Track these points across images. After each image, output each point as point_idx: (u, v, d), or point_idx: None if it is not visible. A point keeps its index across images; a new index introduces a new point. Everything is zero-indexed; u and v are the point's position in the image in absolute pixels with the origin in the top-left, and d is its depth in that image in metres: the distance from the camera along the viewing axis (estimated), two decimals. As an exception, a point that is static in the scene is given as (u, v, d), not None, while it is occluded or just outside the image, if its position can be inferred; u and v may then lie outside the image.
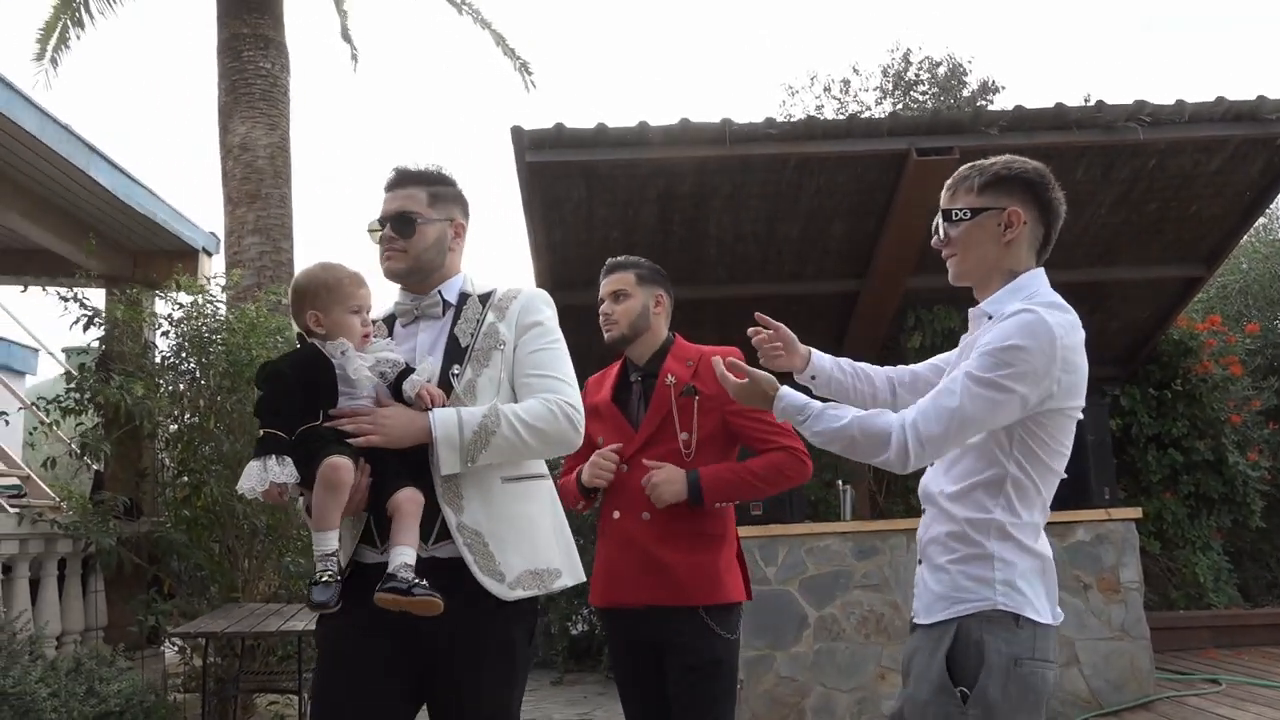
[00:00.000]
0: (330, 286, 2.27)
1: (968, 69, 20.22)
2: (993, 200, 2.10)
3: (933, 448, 1.99)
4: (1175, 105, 5.95)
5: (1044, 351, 1.94)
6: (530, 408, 2.28)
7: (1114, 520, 5.98)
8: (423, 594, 2.05)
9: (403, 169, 2.47)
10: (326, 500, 2.11)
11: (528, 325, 2.39)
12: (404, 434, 2.20)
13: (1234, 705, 5.45)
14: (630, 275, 3.07)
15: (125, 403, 5.61)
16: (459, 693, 2.23)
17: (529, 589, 2.26)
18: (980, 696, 1.93)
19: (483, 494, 2.26)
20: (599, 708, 6.78)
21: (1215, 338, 8.30)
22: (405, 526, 2.13)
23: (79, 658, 4.43)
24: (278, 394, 2.22)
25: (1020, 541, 2.04)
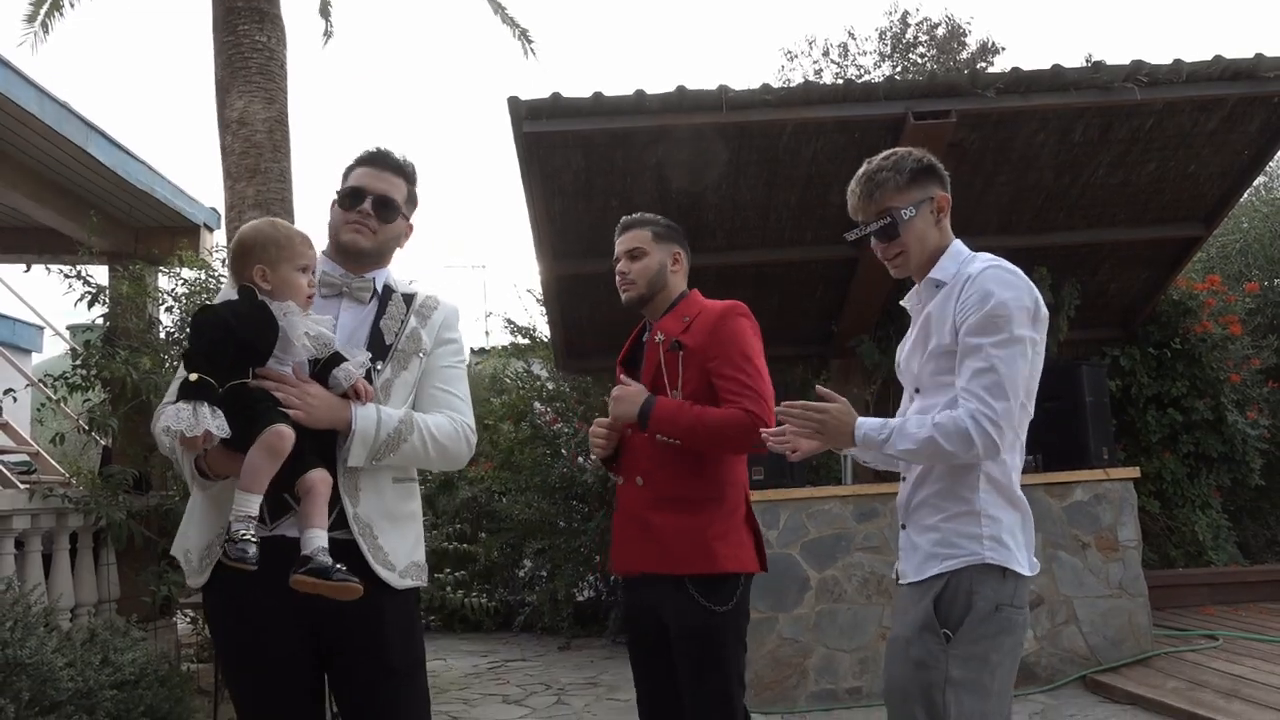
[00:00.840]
0: (280, 243, 2.25)
1: (967, 30, 20.09)
2: (921, 192, 2.31)
3: (1007, 421, 2.08)
4: (1173, 65, 5.93)
5: (1026, 293, 2.15)
6: (439, 424, 2.40)
7: (1112, 480, 6.04)
8: (341, 578, 2.10)
9: (390, 154, 2.49)
10: (264, 464, 2.11)
11: (445, 340, 2.50)
12: (324, 416, 2.24)
13: (1230, 660, 5.53)
14: (646, 232, 3.01)
15: (131, 377, 5.66)
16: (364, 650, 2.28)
17: (414, 580, 2.38)
18: (963, 638, 2.08)
19: (376, 489, 2.34)
20: (605, 671, 6.88)
21: (1214, 297, 8.31)
22: (318, 509, 2.16)
23: (93, 629, 4.51)
24: (216, 342, 2.16)
25: (1006, 490, 2.16)
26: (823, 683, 5.70)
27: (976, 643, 2.09)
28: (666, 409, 2.77)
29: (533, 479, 8.79)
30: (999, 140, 6.39)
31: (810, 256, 7.25)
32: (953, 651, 2.08)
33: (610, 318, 7.58)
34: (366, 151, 2.50)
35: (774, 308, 7.63)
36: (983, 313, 2.12)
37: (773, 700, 5.58)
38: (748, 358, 2.80)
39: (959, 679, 2.06)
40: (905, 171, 2.30)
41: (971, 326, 2.13)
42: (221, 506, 2.22)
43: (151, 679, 4.30)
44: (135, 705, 4.07)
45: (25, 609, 4.07)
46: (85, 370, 5.90)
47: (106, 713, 3.88)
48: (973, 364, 2.11)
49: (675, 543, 2.74)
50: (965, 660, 2.07)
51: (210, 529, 2.28)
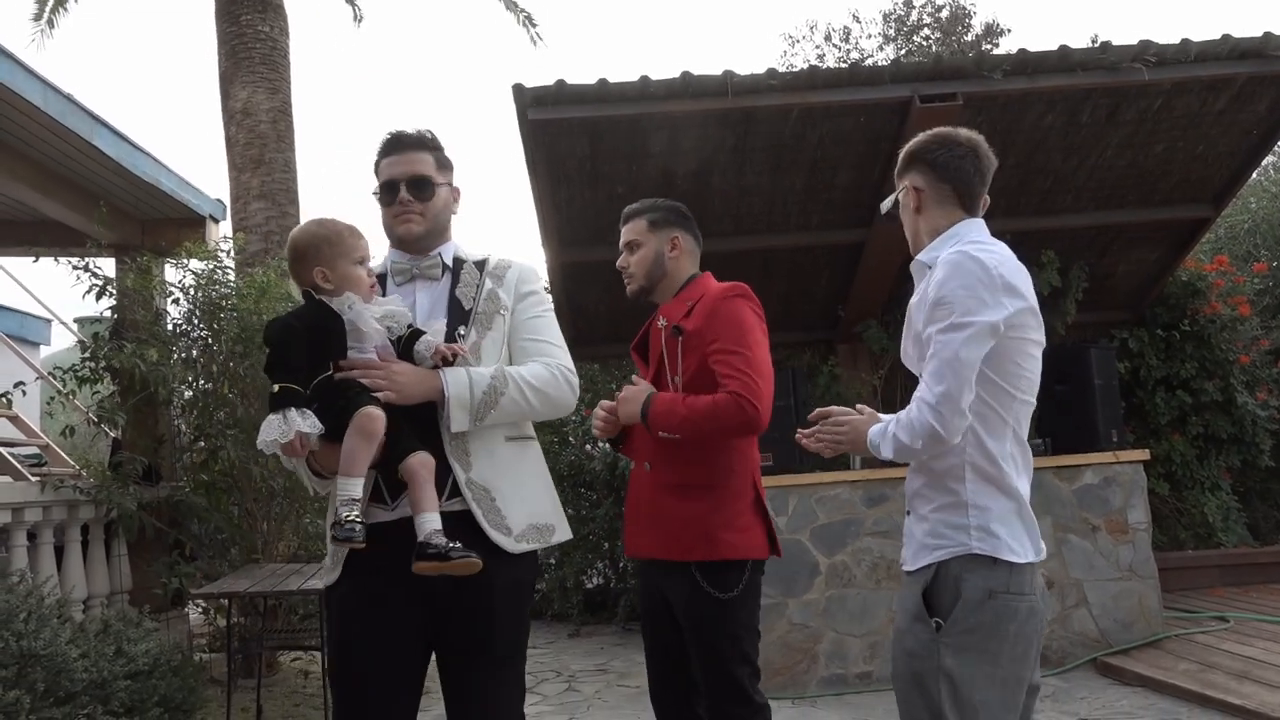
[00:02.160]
0: (332, 241, 2.29)
1: (971, 12, 19.96)
2: (901, 181, 2.35)
3: (949, 404, 2.04)
4: (1181, 44, 5.89)
5: (980, 278, 2.08)
6: (535, 371, 2.38)
7: (1122, 463, 6.03)
8: (460, 556, 2.12)
9: (405, 133, 2.49)
10: (360, 447, 2.14)
11: (524, 294, 2.49)
12: (416, 390, 2.25)
13: (1241, 641, 5.53)
14: (642, 222, 2.98)
15: (140, 369, 5.67)
16: (472, 636, 2.29)
17: (532, 543, 2.37)
18: (953, 626, 2.06)
19: (489, 451, 2.33)
20: (615, 658, 6.90)
21: (1223, 278, 8.27)
22: (425, 493, 2.18)
23: (106, 620, 4.53)
24: (288, 349, 2.23)
25: (996, 479, 2.12)
26: (833, 667, 5.71)
27: (971, 632, 2.05)
28: (661, 406, 2.74)
29: (541, 467, 8.79)
30: (1006, 123, 6.35)
31: (816, 241, 7.23)
32: (944, 640, 2.05)
33: (617, 305, 7.57)
34: (383, 141, 2.50)
35: (780, 293, 7.62)
36: (930, 301, 2.13)
37: (783, 685, 5.59)
38: (741, 339, 2.73)
39: (952, 668, 2.04)
40: (899, 163, 2.36)
41: (925, 318, 2.15)
42: (332, 507, 2.28)
43: (165, 669, 4.31)
44: (149, 695, 4.08)
45: (39, 601, 4.09)
46: (94, 363, 5.92)
47: (120, 703, 3.89)
48: (928, 354, 2.12)
49: (680, 529, 2.75)
50: (959, 650, 2.04)
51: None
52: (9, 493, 5.18)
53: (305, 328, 2.24)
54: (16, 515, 5.05)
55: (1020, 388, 2.15)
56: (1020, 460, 2.17)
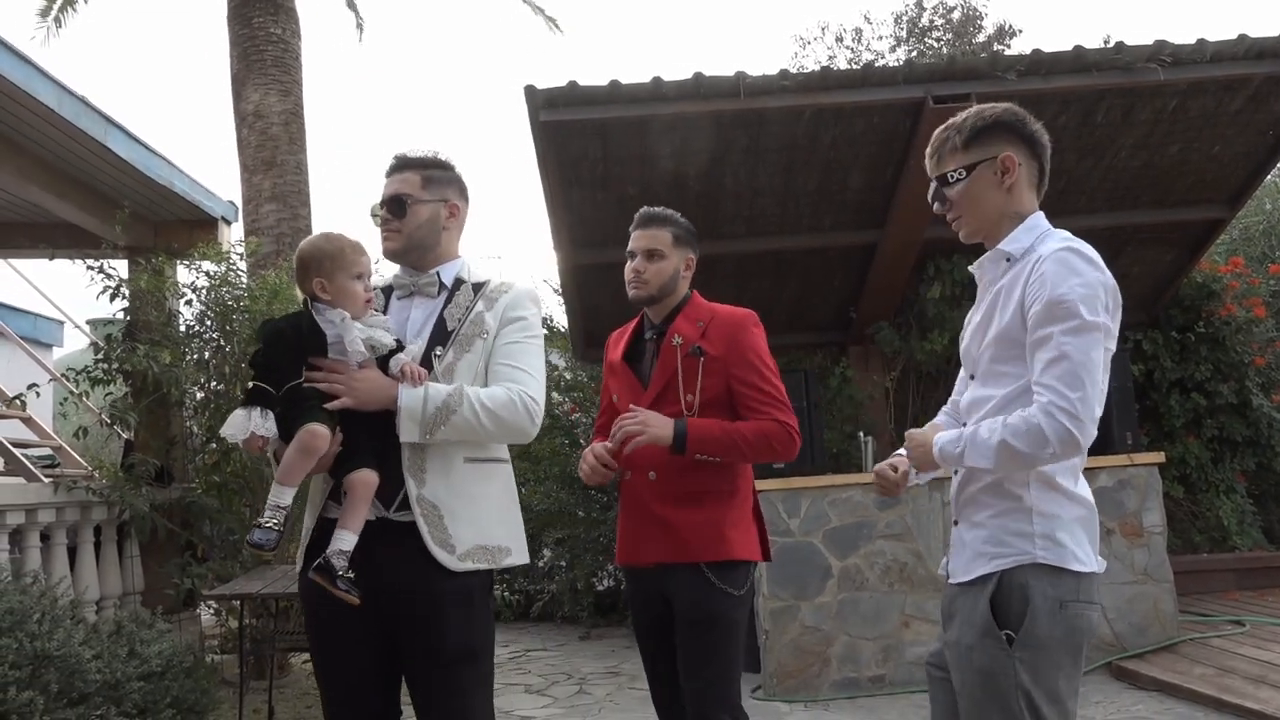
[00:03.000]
0: (333, 255, 2.40)
1: (983, 13, 19.90)
2: (982, 152, 2.11)
3: (1087, 412, 1.91)
4: (1196, 44, 5.85)
5: (1101, 281, 1.99)
6: (493, 394, 2.42)
7: (1136, 465, 5.99)
8: (343, 588, 2.24)
9: (400, 155, 2.62)
10: (297, 461, 2.27)
11: (510, 319, 2.54)
12: (371, 398, 2.34)
13: (1258, 645, 5.48)
14: (667, 234, 2.98)
15: (152, 371, 5.68)
16: (425, 642, 2.36)
17: (478, 562, 2.41)
18: (1027, 638, 1.96)
19: (445, 470, 2.40)
20: (626, 661, 6.89)
21: (1238, 280, 8.22)
22: (355, 511, 2.29)
23: (119, 621, 4.53)
24: (274, 350, 2.37)
25: (1061, 487, 2.03)
26: (845, 671, 5.68)
27: (1043, 646, 1.96)
28: (701, 431, 2.79)
29: (551, 469, 8.79)
30: (1019, 123, 6.32)
31: (829, 243, 7.20)
32: (1018, 655, 1.95)
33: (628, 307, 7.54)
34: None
35: (792, 295, 7.60)
36: (1048, 299, 1.95)
37: (795, 689, 5.57)
38: (770, 368, 2.90)
39: (1030, 686, 1.95)
40: (965, 129, 2.13)
41: (1039, 315, 1.97)
42: (312, 499, 2.43)
43: (177, 670, 4.31)
44: (162, 697, 4.08)
45: (52, 602, 4.09)
46: (106, 364, 5.93)
47: (134, 704, 3.89)
48: (1044, 355, 1.95)
49: (693, 534, 2.80)
50: (1034, 666, 1.95)
51: (307, 524, 2.46)
52: (22, 494, 5.19)
53: (294, 334, 2.37)
54: (30, 516, 5.07)
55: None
56: (1079, 469, 2.10)
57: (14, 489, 5.35)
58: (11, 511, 4.95)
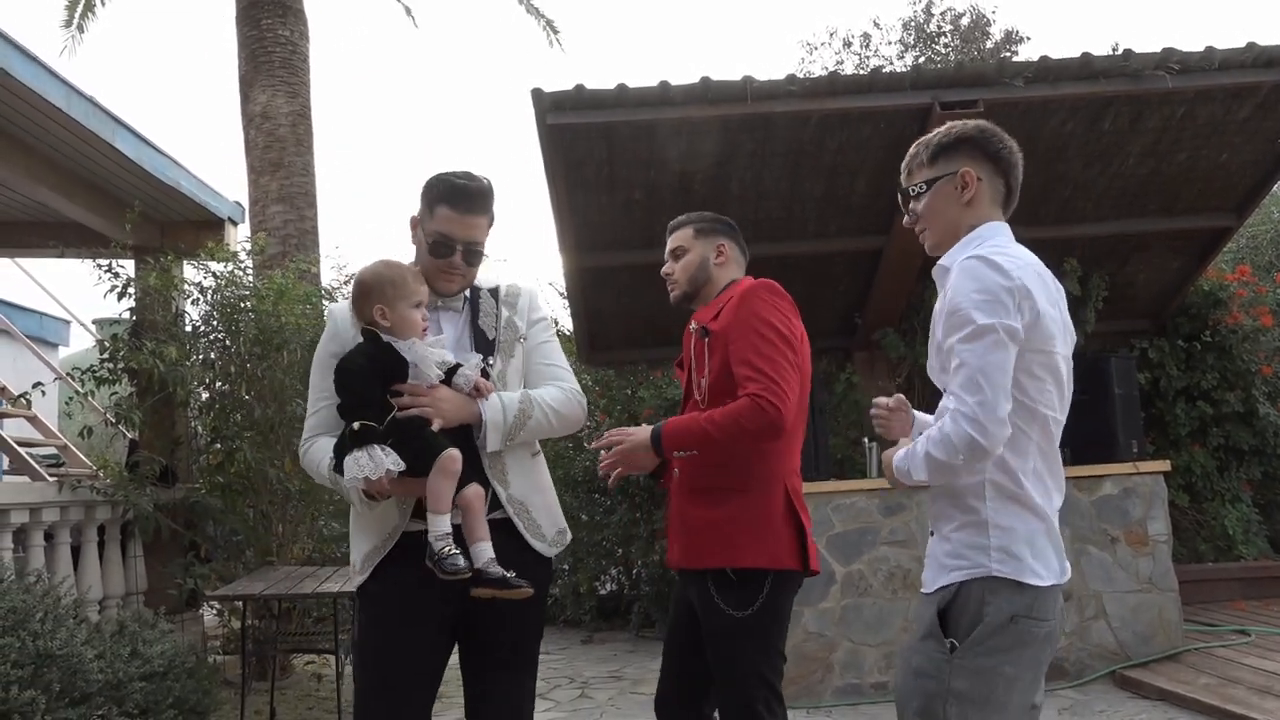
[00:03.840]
0: (396, 283, 2.45)
1: (991, 20, 19.90)
2: (945, 167, 2.18)
3: (987, 412, 1.92)
4: (1204, 52, 5.83)
5: (998, 282, 1.97)
6: (553, 395, 2.62)
7: (1142, 473, 5.97)
8: (516, 584, 2.35)
9: (474, 192, 2.55)
10: (445, 487, 2.35)
11: (535, 320, 2.72)
12: (457, 416, 2.47)
13: (1262, 655, 5.46)
14: (688, 231, 3.00)
15: (158, 369, 5.69)
16: (500, 637, 2.52)
17: (558, 546, 2.66)
18: (969, 649, 1.97)
19: (521, 469, 2.59)
20: (629, 665, 6.88)
21: (1245, 288, 8.19)
22: (479, 523, 2.40)
23: (122, 621, 4.54)
24: (362, 390, 2.42)
25: (1020, 498, 2.02)
26: (848, 677, 5.67)
27: (989, 655, 1.96)
28: (672, 429, 2.65)
29: (555, 472, 8.70)
30: (1027, 130, 6.30)
31: (834, 248, 7.19)
32: (957, 661, 1.96)
33: (633, 310, 7.56)
34: (449, 186, 2.54)
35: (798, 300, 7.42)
36: (947, 310, 2.01)
37: (797, 695, 5.56)
38: (763, 336, 2.64)
39: (963, 691, 1.95)
40: (933, 145, 2.20)
41: (944, 327, 2.03)
42: (384, 518, 2.50)
43: (180, 671, 4.32)
44: (164, 697, 4.09)
45: (55, 601, 4.10)
46: (112, 363, 5.94)
47: (135, 704, 3.90)
48: (951, 365, 2.00)
49: (702, 535, 2.69)
50: (973, 672, 1.95)
51: (373, 538, 2.51)
52: (26, 493, 5.20)
53: (376, 368, 2.43)
54: (34, 515, 5.08)
55: (1041, 401, 2.03)
56: (1049, 477, 2.07)
57: (18, 488, 5.36)
58: (16, 510, 4.96)
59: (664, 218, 3.18)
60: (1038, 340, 2.01)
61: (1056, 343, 2.05)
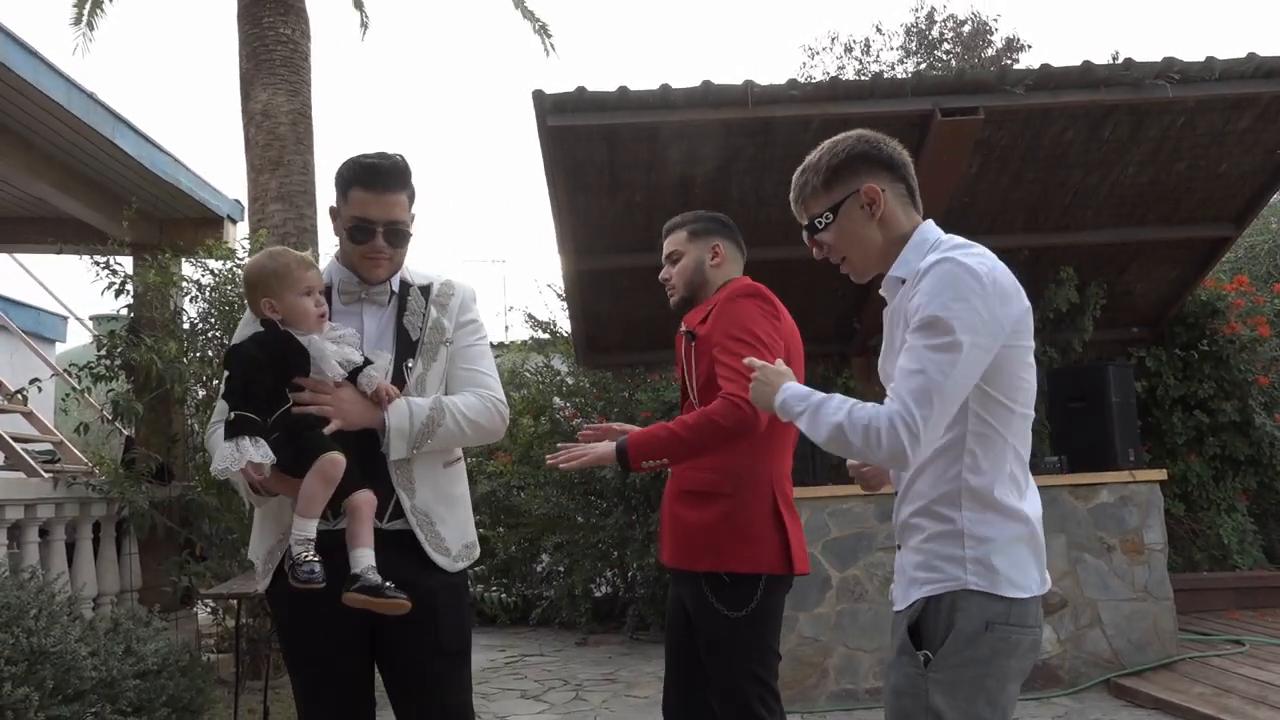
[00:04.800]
0: (278, 274, 2.34)
1: (993, 27, 19.94)
2: (843, 189, 2.06)
3: (927, 431, 1.83)
4: (1205, 62, 5.84)
5: (975, 290, 1.86)
6: (469, 403, 2.47)
7: (1138, 482, 5.97)
8: (391, 595, 2.23)
9: (386, 168, 2.42)
10: (319, 491, 2.24)
11: (464, 322, 2.56)
12: (359, 418, 2.35)
13: (1257, 665, 5.47)
14: (682, 234, 2.97)
15: (156, 365, 5.68)
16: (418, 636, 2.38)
17: (465, 561, 2.51)
18: (944, 659, 1.87)
19: (430, 478, 2.45)
20: (623, 668, 6.87)
21: (1243, 298, 8.21)
22: (365, 529, 2.28)
23: (116, 618, 4.53)
24: (248, 378, 2.29)
25: (998, 504, 1.92)
26: (843, 682, 5.66)
27: (965, 666, 1.85)
28: (636, 441, 2.64)
29: (551, 474, 8.77)
30: (1027, 138, 6.32)
31: (833, 253, 7.19)
32: (933, 676, 1.86)
33: (631, 313, 7.55)
34: (360, 167, 2.42)
35: (796, 305, 7.48)
36: (927, 313, 1.87)
37: (792, 700, 5.55)
38: (739, 339, 2.63)
39: (941, 707, 1.84)
40: (822, 171, 2.08)
41: (914, 324, 1.89)
42: (278, 515, 2.39)
43: (173, 669, 4.31)
44: (157, 695, 4.08)
45: (49, 598, 4.09)
46: (109, 360, 5.93)
47: (129, 702, 3.89)
48: (905, 363, 1.87)
49: (689, 536, 2.71)
50: (950, 686, 1.85)
51: (270, 536, 2.42)
52: (22, 489, 5.19)
53: (270, 358, 2.30)
54: (29, 512, 5.07)
55: (1019, 400, 1.93)
56: (1023, 480, 1.96)
57: (14, 484, 5.35)
58: (10, 506, 4.95)
59: (664, 221, 3.17)
60: (1018, 336, 1.92)
61: (1029, 338, 1.95)
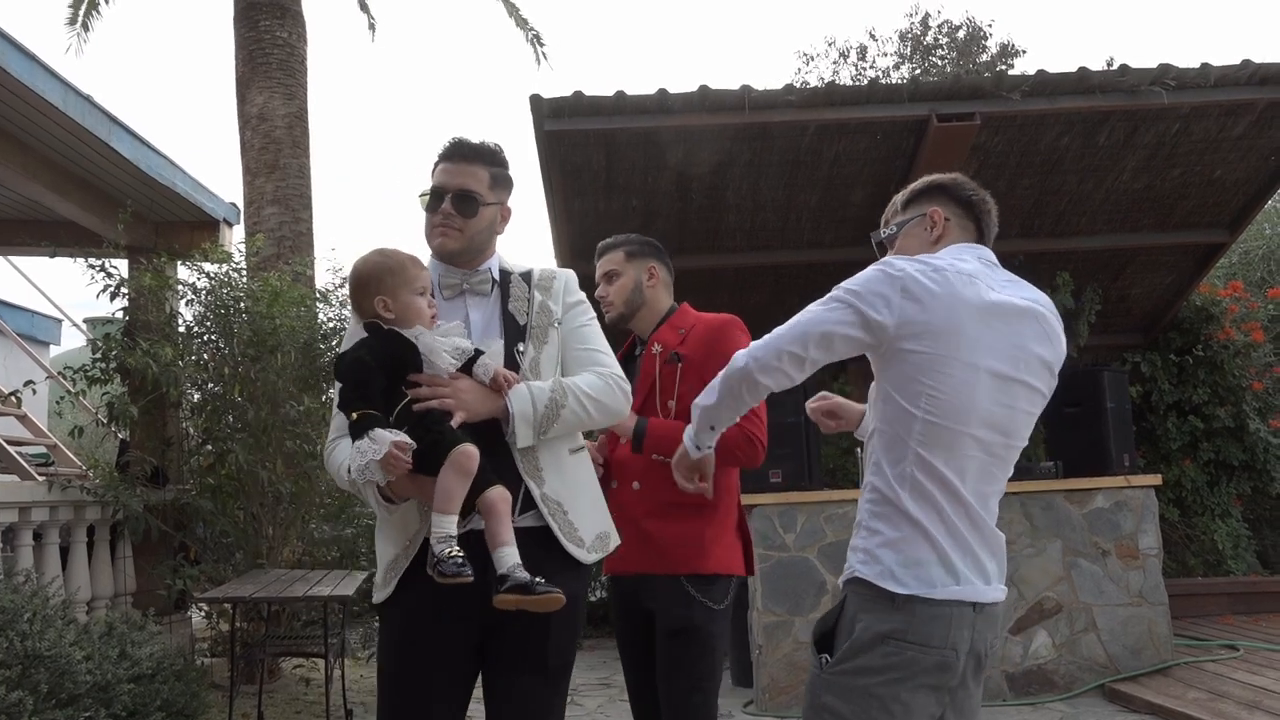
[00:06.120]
0: (394, 270, 2.27)
1: (988, 33, 19.99)
2: (915, 210, 2.22)
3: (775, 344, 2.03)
4: (1200, 69, 5.87)
5: (878, 276, 1.96)
6: (590, 381, 2.38)
7: (1133, 487, 5.98)
8: (544, 591, 2.11)
9: (467, 142, 2.43)
10: (457, 484, 2.14)
11: (572, 303, 2.48)
12: (481, 408, 2.25)
13: (1251, 670, 5.48)
14: (619, 254, 3.07)
15: (152, 369, 5.67)
16: (526, 649, 2.28)
17: (599, 552, 2.40)
18: (838, 663, 1.89)
19: (557, 465, 2.35)
20: (618, 672, 6.82)
21: (1237, 304, 8.25)
22: (503, 526, 2.17)
23: (110, 622, 4.50)
24: (360, 382, 2.21)
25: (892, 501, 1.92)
26: (838, 687, 5.65)
27: (858, 674, 1.85)
28: (659, 430, 2.81)
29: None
30: (1023, 143, 6.34)
31: (830, 258, 7.20)
32: (826, 675, 1.90)
33: (628, 317, 7.55)
34: (445, 144, 2.45)
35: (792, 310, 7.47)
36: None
37: (788, 704, 5.55)
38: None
39: (833, 708, 1.86)
40: (908, 193, 2.27)
41: None
42: (403, 524, 2.28)
43: (168, 673, 4.29)
44: (152, 699, 4.06)
45: (43, 601, 4.07)
46: (104, 363, 5.91)
47: (123, 706, 3.87)
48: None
49: (673, 546, 2.81)
50: (843, 690, 1.86)
51: (394, 545, 2.31)
52: (16, 492, 5.17)
53: (379, 360, 2.22)
54: (23, 515, 5.05)
55: (922, 407, 1.90)
56: (936, 487, 1.91)
57: (7, 487, 5.33)
58: (4, 509, 4.93)
59: (662, 225, 3.19)
60: (919, 340, 1.90)
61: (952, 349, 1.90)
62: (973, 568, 1.92)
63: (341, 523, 6.67)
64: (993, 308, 1.95)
